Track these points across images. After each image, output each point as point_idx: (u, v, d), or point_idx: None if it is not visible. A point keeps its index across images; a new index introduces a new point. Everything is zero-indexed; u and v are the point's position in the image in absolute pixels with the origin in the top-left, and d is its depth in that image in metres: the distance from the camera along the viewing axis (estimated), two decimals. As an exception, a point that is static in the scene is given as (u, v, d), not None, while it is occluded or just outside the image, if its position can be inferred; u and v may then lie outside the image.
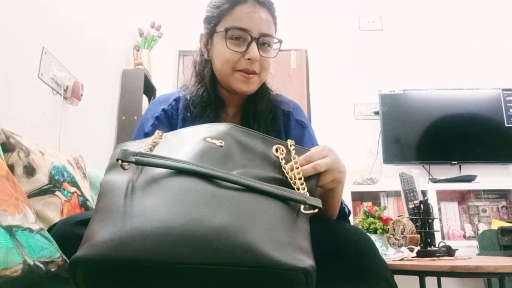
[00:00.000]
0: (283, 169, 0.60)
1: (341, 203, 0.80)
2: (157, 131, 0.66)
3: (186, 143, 0.59)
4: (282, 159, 0.61)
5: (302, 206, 0.52)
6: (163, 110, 0.94)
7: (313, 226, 0.57)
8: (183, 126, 0.91)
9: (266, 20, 0.88)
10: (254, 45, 0.86)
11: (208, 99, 0.91)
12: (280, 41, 0.92)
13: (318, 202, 0.53)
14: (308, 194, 0.55)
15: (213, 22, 0.90)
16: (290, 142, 0.66)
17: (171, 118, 0.94)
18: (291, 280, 0.44)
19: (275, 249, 0.45)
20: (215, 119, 0.89)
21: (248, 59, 0.86)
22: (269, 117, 0.94)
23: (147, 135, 0.88)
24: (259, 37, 0.87)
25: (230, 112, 0.97)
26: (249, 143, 0.63)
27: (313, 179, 0.61)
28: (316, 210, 0.52)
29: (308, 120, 1.02)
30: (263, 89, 0.97)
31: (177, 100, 0.96)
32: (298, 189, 0.56)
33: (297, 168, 0.60)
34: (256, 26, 0.86)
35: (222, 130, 0.63)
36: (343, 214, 0.82)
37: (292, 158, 0.62)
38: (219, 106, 0.93)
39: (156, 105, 0.96)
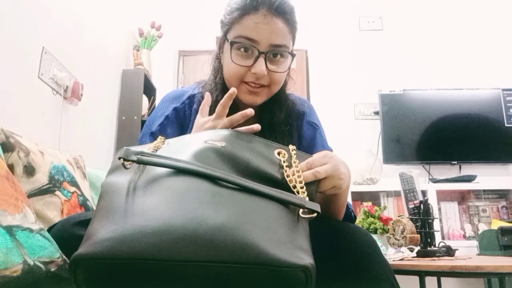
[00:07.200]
0: (284, 172, 0.60)
1: (347, 207, 0.79)
2: (159, 137, 0.66)
3: (188, 147, 0.60)
4: (284, 162, 0.62)
5: (301, 210, 0.53)
6: (175, 108, 0.90)
7: (316, 225, 0.57)
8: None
9: (279, 30, 0.81)
10: (261, 60, 0.80)
11: None
12: (292, 55, 0.85)
13: (317, 207, 0.53)
14: (307, 199, 0.55)
15: (224, 28, 0.86)
16: (291, 147, 0.66)
17: (183, 118, 0.90)
18: (290, 278, 0.44)
19: (275, 247, 0.45)
20: None
21: (254, 73, 0.81)
22: (286, 129, 0.90)
23: (153, 135, 0.86)
24: (268, 50, 0.81)
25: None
26: (251, 145, 0.64)
27: (313, 184, 0.62)
28: (315, 214, 0.53)
29: (319, 121, 0.99)
30: (281, 99, 0.91)
31: (191, 97, 0.92)
32: (298, 192, 0.57)
33: (298, 172, 0.60)
34: (266, 37, 0.80)
35: (224, 134, 0.64)
36: (349, 218, 0.82)
37: (293, 163, 0.62)
38: (233, 111, 0.88)
39: (168, 102, 0.91)
